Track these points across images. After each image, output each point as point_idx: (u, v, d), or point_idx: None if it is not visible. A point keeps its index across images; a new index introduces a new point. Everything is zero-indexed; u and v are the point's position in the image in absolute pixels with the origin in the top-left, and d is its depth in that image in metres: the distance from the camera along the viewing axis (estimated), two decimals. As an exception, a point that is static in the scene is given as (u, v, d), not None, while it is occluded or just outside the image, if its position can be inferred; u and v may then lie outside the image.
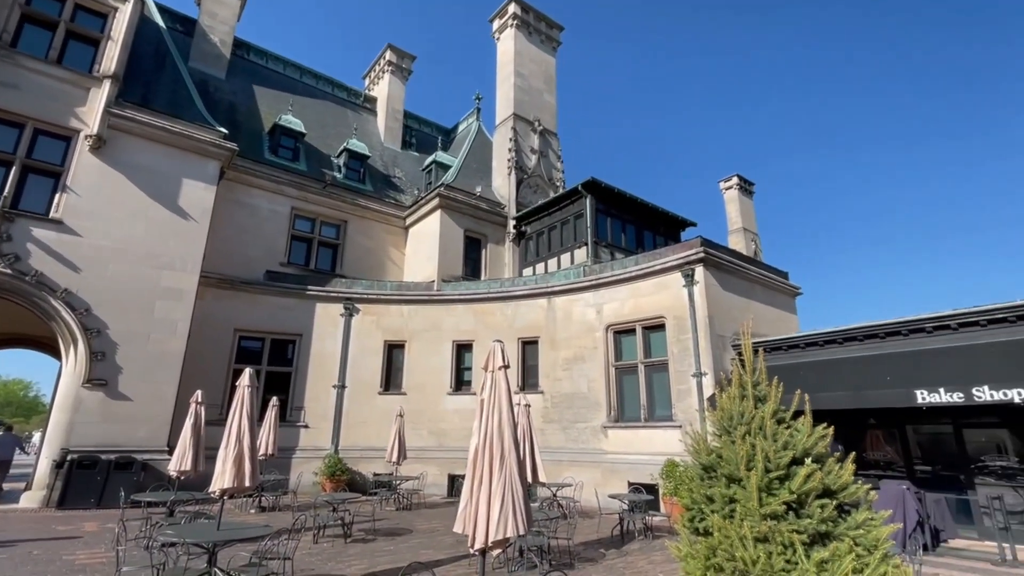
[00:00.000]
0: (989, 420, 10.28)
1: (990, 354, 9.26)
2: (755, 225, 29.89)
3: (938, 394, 8.71)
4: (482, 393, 3.78)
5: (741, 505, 3.49)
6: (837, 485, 3.56)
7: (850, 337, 11.47)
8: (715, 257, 13.61)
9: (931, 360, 9.87)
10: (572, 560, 7.90)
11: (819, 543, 3.32)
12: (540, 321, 16.12)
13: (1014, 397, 8.01)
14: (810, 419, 3.86)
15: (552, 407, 15.24)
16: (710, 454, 3.94)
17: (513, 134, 21.67)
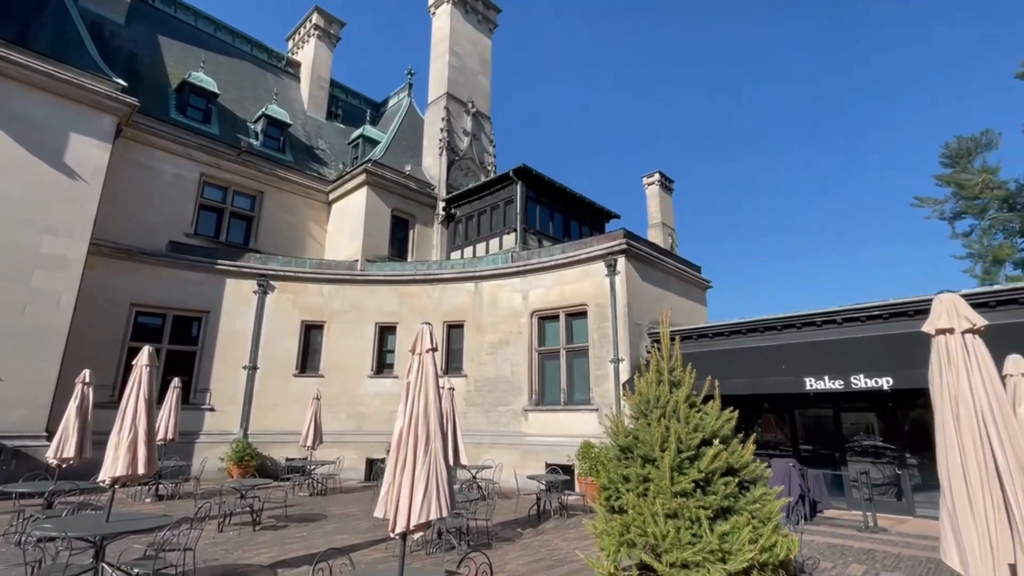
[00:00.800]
0: (861, 404, 11.60)
1: (866, 346, 10.42)
2: (673, 220, 31.50)
3: (823, 381, 9.69)
4: (408, 376, 3.71)
5: (654, 484, 3.70)
6: (740, 464, 3.86)
7: (752, 329, 12.44)
8: (636, 249, 14.19)
9: (819, 351, 10.94)
10: (490, 540, 8.04)
11: (722, 517, 3.60)
12: (467, 305, 16.08)
13: (883, 384, 9.09)
14: (719, 403, 4.15)
15: (475, 391, 15.32)
16: (627, 436, 4.13)
17: (446, 114, 21.25)
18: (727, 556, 3.34)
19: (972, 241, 35.11)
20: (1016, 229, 33.17)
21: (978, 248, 34.49)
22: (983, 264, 34.08)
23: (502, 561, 7.01)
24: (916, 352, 9.60)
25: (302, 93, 24.37)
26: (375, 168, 18.42)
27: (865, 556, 7.52)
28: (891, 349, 9.95)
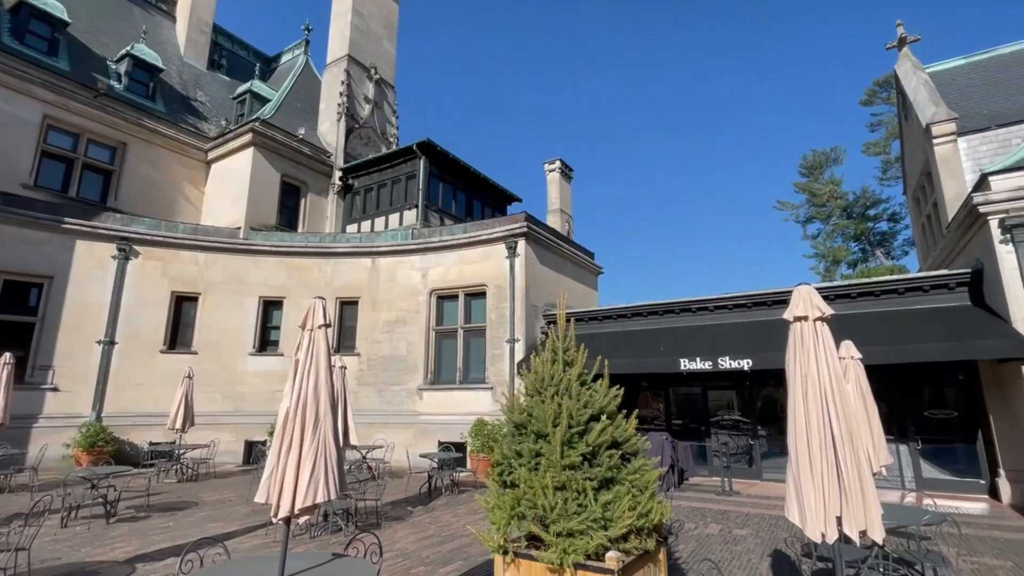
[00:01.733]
0: (724, 384, 12.98)
1: (732, 331, 11.63)
2: (571, 207, 32.67)
3: (695, 362, 10.69)
4: (298, 353, 3.48)
5: (546, 458, 3.84)
6: (623, 437, 4.13)
7: (637, 313, 13.35)
8: (536, 233, 14.52)
9: (693, 335, 12.02)
10: (379, 520, 7.92)
11: (605, 488, 3.83)
12: (362, 281, 15.47)
13: (744, 365, 10.23)
14: (607, 382, 4.39)
15: (368, 369, 14.88)
16: (522, 413, 4.24)
17: (346, 77, 20.00)
18: (608, 524, 3.58)
19: (818, 243, 40.42)
20: (852, 234, 38.68)
21: (822, 249, 39.80)
22: (825, 263, 39.38)
23: (391, 540, 6.94)
24: (771, 338, 10.92)
25: (178, 35, 21.58)
26: (264, 128, 16.90)
27: (721, 517, 8.49)
28: (752, 334, 11.20)
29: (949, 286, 10.05)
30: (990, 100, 12.67)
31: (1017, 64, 13.32)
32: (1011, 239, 8.64)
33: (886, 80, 33.97)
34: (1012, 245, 8.63)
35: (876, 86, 35.39)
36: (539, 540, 3.74)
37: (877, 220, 38.08)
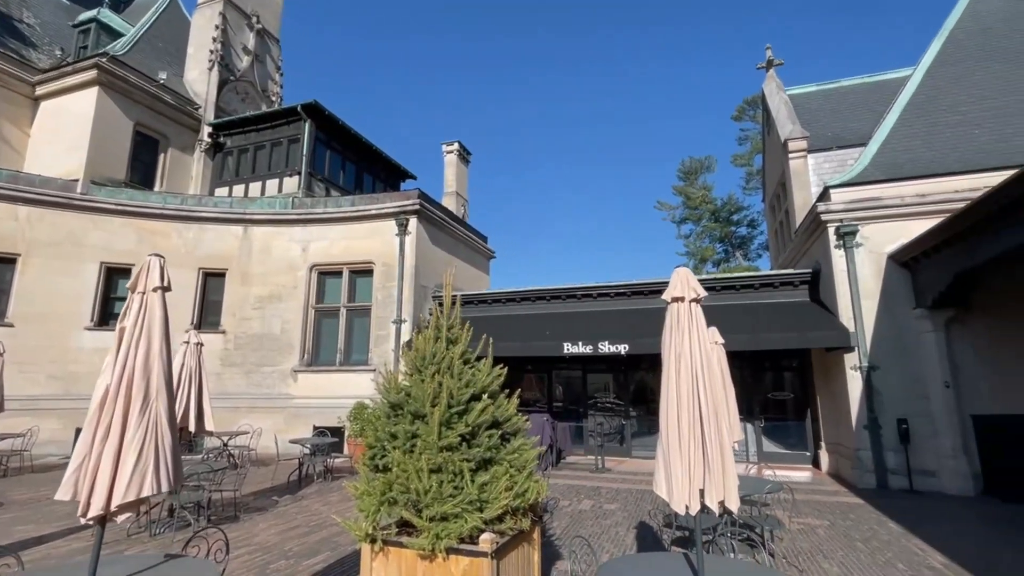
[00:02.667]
0: (602, 367, 13.67)
1: (612, 318, 12.22)
2: (467, 191, 32.40)
3: (578, 346, 11.07)
4: (124, 320, 2.89)
5: (422, 440, 3.63)
6: (503, 417, 4.04)
7: (525, 298, 13.53)
8: (429, 211, 14.09)
9: (576, 320, 12.44)
10: (237, 512, 7.20)
11: (483, 468, 3.71)
12: (232, 251, 13.97)
13: (622, 350, 10.79)
14: (491, 360, 4.27)
15: (235, 349, 13.52)
16: (399, 392, 3.97)
17: (221, 21, 17.80)
18: (484, 505, 3.47)
19: (690, 242, 44.24)
20: (718, 236, 42.84)
21: (693, 248, 43.67)
22: (695, 261, 43.22)
23: (250, 533, 6.32)
24: (647, 324, 11.63)
25: (-2, -61, 17.69)
26: (114, 66, 14.48)
27: (594, 493, 8.90)
28: (630, 321, 11.86)
29: (794, 283, 11.41)
30: (833, 124, 14.54)
31: (855, 96, 15.42)
32: (843, 245, 9.96)
33: (754, 99, 37.76)
34: (843, 250, 9.97)
35: (746, 104, 39.26)
36: (411, 526, 3.52)
37: (739, 225, 42.51)
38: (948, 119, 10.98)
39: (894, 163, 10.42)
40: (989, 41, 12.30)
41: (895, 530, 6.59)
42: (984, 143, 10.23)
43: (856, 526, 6.77)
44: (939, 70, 11.96)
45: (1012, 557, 5.52)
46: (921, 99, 11.52)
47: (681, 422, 2.97)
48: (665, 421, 3.03)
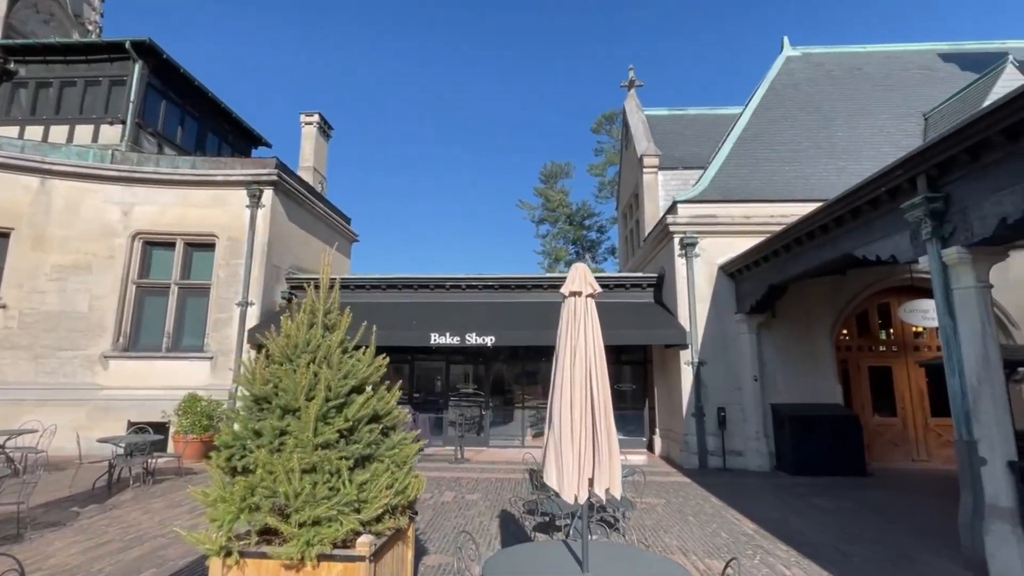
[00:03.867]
0: (463, 358, 13.77)
1: (479, 310, 12.34)
2: (325, 168, 30.24)
3: (445, 337, 10.97)
4: None
5: (294, 437, 3.24)
6: (384, 410, 3.79)
7: (392, 285, 13.04)
8: (288, 184, 12.84)
9: (444, 311, 12.33)
10: (22, 529, 5.81)
11: (362, 466, 3.44)
12: (20, 207, 11.28)
13: (488, 342, 10.95)
14: (373, 349, 3.98)
15: (21, 328, 10.97)
16: (266, 384, 3.51)
17: (17, -82, 14.20)
18: (363, 506, 3.21)
19: (547, 242, 46.62)
20: (571, 238, 45.77)
21: (549, 248, 46.12)
22: (549, 260, 45.68)
23: (41, 555, 5.14)
24: (512, 317, 11.96)
25: None
26: None
27: (455, 484, 8.89)
28: (496, 313, 12.08)
29: (642, 286, 12.61)
30: (680, 147, 16.36)
31: (699, 124, 17.53)
32: (685, 254, 11.25)
33: (612, 115, 40.94)
34: (685, 259, 11.26)
35: (604, 118, 42.37)
36: (274, 534, 3.13)
37: (590, 230, 45.87)
38: (768, 155, 12.99)
39: (727, 187, 12.04)
40: (798, 95, 14.82)
41: (716, 504, 7.62)
42: (791, 178, 12.30)
43: (687, 502, 7.69)
44: (762, 113, 14.10)
45: (798, 520, 6.73)
46: (749, 135, 13.47)
47: (574, 412, 3.04)
48: (558, 412, 3.08)
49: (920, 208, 5.47)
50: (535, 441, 13.20)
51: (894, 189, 5.96)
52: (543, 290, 12.81)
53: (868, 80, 15.51)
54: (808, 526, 6.47)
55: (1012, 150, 4.63)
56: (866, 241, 6.65)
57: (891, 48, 16.92)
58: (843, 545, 5.75)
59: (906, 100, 14.58)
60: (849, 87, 15.18)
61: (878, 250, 6.41)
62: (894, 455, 11.03)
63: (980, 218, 4.96)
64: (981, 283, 5.16)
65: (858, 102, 14.61)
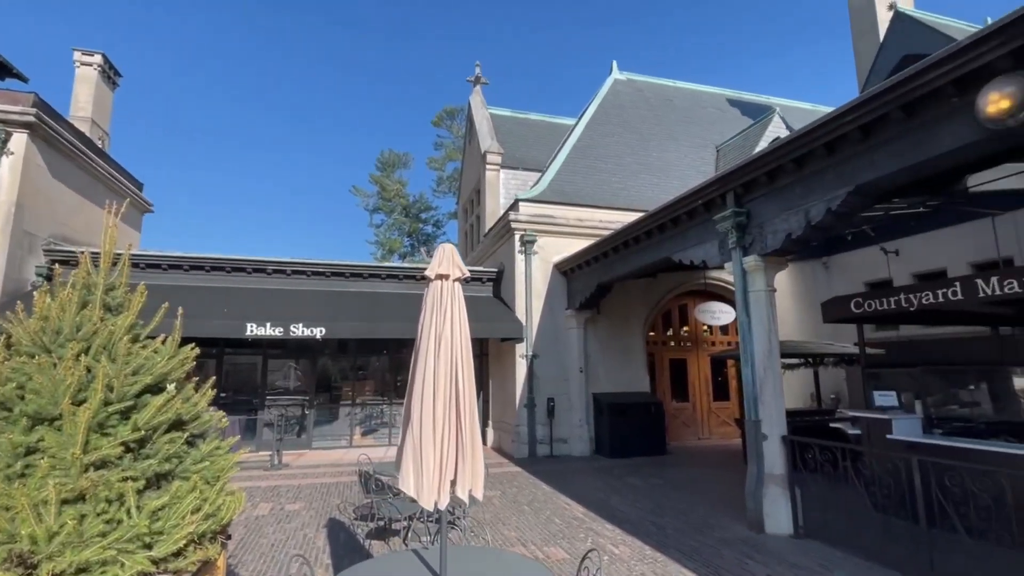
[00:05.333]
0: (284, 352, 12.38)
1: (307, 298, 11.17)
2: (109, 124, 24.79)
3: (265, 328, 9.65)
4: None
5: (50, 456, 2.35)
6: (192, 415, 3.02)
7: (197, 266, 11.09)
8: (54, 131, 10.08)
9: (264, 298, 10.88)
10: None
11: (157, 486, 2.66)
12: None
13: (317, 334, 9.93)
14: (178, 337, 3.16)
15: None
16: (5, 384, 2.51)
17: None
18: (157, 538, 2.47)
19: (380, 232, 44.89)
20: (406, 231, 44.78)
21: (383, 238, 44.49)
22: (383, 251, 44.12)
23: None
24: (345, 308, 11.07)
25: None
26: None
27: (272, 493, 7.84)
28: (327, 303, 11.05)
29: (483, 280, 12.70)
30: (521, 148, 16.93)
31: (537, 129, 18.35)
32: (524, 251, 11.60)
33: (453, 110, 41.00)
34: (524, 255, 11.61)
35: (445, 112, 42.23)
36: (12, 592, 2.23)
37: (426, 223, 45.43)
38: (598, 165, 14.10)
39: (563, 190, 12.75)
40: (623, 115, 16.41)
41: (548, 490, 7.93)
42: (617, 188, 13.53)
43: (521, 492, 7.86)
44: (594, 127, 15.28)
45: (618, 499, 7.32)
46: (582, 145, 14.47)
47: (437, 408, 2.73)
48: (419, 409, 2.74)
49: (729, 220, 6.31)
50: (364, 440, 12.44)
51: (708, 202, 6.79)
52: (381, 280, 12.11)
53: (676, 111, 17.87)
54: (626, 504, 7.06)
55: (798, 177, 5.57)
56: (683, 247, 7.51)
57: (693, 87, 19.77)
58: (657, 519, 6.38)
59: (703, 132, 17.13)
60: (662, 115, 17.30)
61: (693, 255, 7.27)
62: (685, 435, 12.83)
63: (772, 232, 5.88)
64: (770, 287, 6.14)
65: (668, 128, 16.73)
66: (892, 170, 4.63)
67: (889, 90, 4.34)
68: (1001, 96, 3.66)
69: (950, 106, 4.11)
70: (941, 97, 4.12)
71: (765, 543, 5.42)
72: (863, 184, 4.90)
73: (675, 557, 5.09)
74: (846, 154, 5.03)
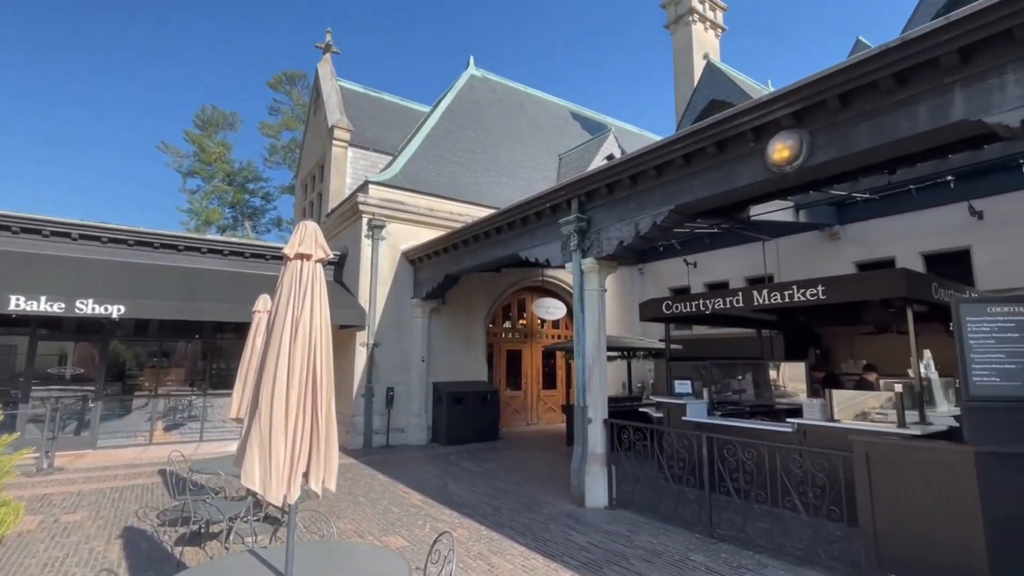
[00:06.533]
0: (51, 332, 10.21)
1: (99, 269, 9.34)
2: None
3: (39, 302, 7.83)
4: None
5: None
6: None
7: (-68, 218, 8.55)
8: None
9: (39, 265, 8.83)
10: None
11: None
12: None
13: (114, 312, 8.36)
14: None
15: None
16: None
17: None
18: None
19: (195, 199, 39.24)
20: (229, 200, 39.86)
21: (198, 207, 38.95)
22: (197, 221, 38.69)
23: None
24: (151, 283, 9.51)
25: None
26: None
27: (42, 504, 6.44)
28: (126, 277, 9.38)
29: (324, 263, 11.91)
30: (372, 128, 16.23)
31: (391, 111, 17.75)
32: (372, 236, 11.20)
33: (294, 74, 37.58)
34: (372, 240, 11.20)
35: (285, 76, 38.43)
36: None
37: (254, 195, 40.93)
38: (451, 157, 14.19)
39: (416, 177, 12.58)
40: (478, 111, 16.74)
41: (384, 480, 7.81)
42: (469, 182, 13.78)
43: (356, 483, 7.62)
44: (450, 118, 15.34)
45: (455, 484, 7.55)
46: (437, 135, 14.42)
47: (291, 397, 2.55)
48: (269, 397, 2.53)
49: (572, 224, 6.89)
50: (168, 436, 10.85)
51: (555, 206, 7.33)
52: (200, 254, 10.64)
53: (526, 116, 18.79)
54: (463, 489, 7.31)
55: (632, 192, 6.32)
56: (531, 245, 7.98)
57: (542, 95, 20.97)
58: (492, 501, 6.72)
59: (549, 139, 18.30)
60: (514, 117, 18.05)
61: (539, 254, 7.77)
62: (516, 421, 13.65)
63: (608, 238, 6.58)
64: (602, 288, 6.86)
65: (518, 131, 17.52)
66: (704, 195, 5.52)
67: (708, 127, 5.17)
68: (783, 146, 4.62)
69: (749, 149, 5.05)
70: (743, 141, 5.04)
71: (585, 516, 6.08)
72: (682, 204, 5.76)
73: (509, 535, 5.44)
74: (671, 177, 5.85)
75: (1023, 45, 3.47)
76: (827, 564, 4.44)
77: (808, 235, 10.83)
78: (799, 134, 4.58)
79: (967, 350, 3.74)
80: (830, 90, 4.28)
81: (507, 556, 4.88)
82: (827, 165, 4.63)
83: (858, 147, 4.32)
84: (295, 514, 2.70)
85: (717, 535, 5.22)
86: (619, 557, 4.80)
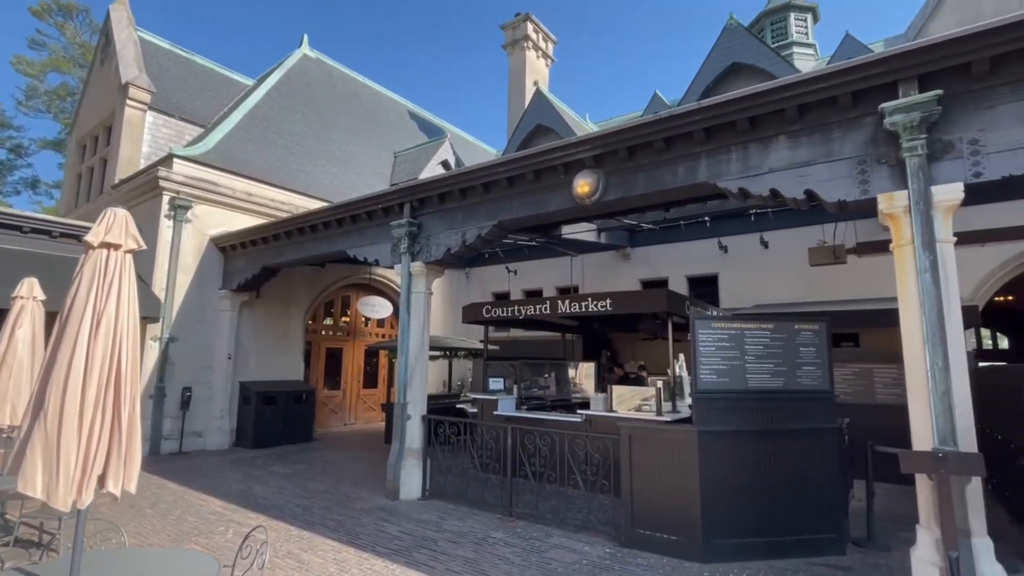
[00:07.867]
0: None
1: None
2: None
3: None
4: None
5: None
6: None
7: None
8: None
9: None
10: None
11: None
12: None
13: None
14: None
15: None
16: None
17: None
18: None
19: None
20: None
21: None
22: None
23: None
24: None
25: None
26: None
27: None
28: None
29: (105, 242, 10.16)
30: (179, 93, 14.24)
31: (203, 76, 15.75)
32: (174, 217, 9.93)
33: (71, 6, 30.82)
34: (173, 222, 9.94)
35: (57, 5, 31.19)
36: None
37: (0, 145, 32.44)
38: (276, 140, 13.23)
39: (233, 157, 11.48)
40: (309, 94, 15.86)
41: (176, 489, 7.08)
42: (295, 169, 13.01)
43: (140, 495, 6.76)
44: (276, 96, 14.28)
45: (262, 487, 7.19)
46: (260, 113, 13.32)
47: (87, 395, 2.39)
48: (59, 396, 2.34)
49: (403, 228, 7.13)
50: None
51: (388, 208, 7.49)
52: (-83, 217, 8.29)
53: (362, 107, 18.33)
54: (271, 492, 7.01)
55: (461, 204, 6.81)
56: (360, 244, 7.98)
57: (380, 89, 20.62)
58: (303, 501, 6.59)
59: (384, 135, 18.12)
60: (349, 107, 17.48)
61: (368, 253, 7.82)
62: (333, 421, 13.26)
63: (437, 245, 6.98)
64: (428, 291, 7.22)
65: (353, 122, 17.03)
66: (523, 215, 6.26)
67: (528, 157, 5.90)
68: (585, 183, 5.52)
69: (560, 180, 5.89)
70: (556, 173, 5.87)
71: (399, 508, 6.36)
72: (504, 220, 6.42)
73: (320, 532, 5.46)
74: (496, 195, 6.49)
75: (742, 134, 4.77)
76: (598, 529, 5.42)
77: (608, 254, 12.65)
78: (598, 174, 5.54)
79: (698, 355, 4.97)
80: (620, 143, 5.28)
81: (318, 552, 4.93)
82: (617, 201, 5.67)
83: (638, 191, 5.40)
84: (84, 519, 2.51)
85: (516, 514, 5.95)
86: (428, 541, 5.20)
